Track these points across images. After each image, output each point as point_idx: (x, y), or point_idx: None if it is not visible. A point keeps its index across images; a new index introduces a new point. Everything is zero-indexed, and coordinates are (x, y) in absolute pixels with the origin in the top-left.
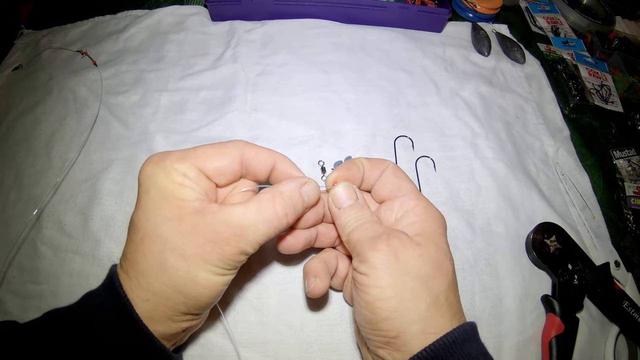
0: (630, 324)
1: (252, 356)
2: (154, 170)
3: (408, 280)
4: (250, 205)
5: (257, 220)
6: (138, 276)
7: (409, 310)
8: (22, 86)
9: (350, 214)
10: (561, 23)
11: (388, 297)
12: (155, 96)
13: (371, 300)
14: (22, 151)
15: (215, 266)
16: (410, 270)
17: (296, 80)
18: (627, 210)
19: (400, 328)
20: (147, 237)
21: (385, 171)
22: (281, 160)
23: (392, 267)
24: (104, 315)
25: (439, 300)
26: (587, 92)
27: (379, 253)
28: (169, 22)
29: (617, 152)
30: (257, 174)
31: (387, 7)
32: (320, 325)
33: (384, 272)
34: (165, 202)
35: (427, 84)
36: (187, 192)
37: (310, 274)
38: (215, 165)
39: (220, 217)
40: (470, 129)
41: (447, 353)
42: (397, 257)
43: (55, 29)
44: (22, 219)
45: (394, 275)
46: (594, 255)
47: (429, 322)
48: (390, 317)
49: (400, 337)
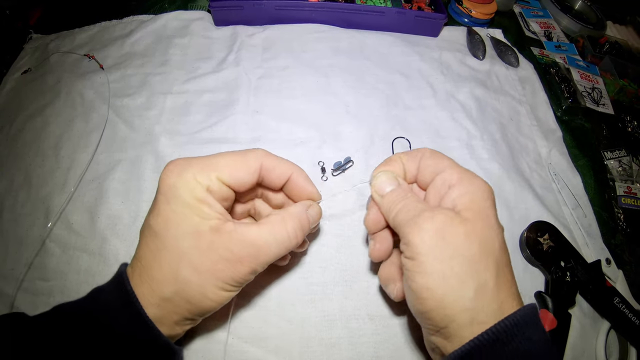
0: (620, 320)
1: (253, 351)
2: (177, 182)
3: (455, 265)
4: (263, 226)
5: (269, 241)
6: (151, 281)
7: (456, 300)
8: (31, 89)
9: (393, 198)
10: (554, 28)
11: (435, 286)
12: (160, 99)
13: (418, 289)
14: (31, 152)
15: (225, 283)
16: (456, 252)
17: (297, 83)
18: (617, 209)
19: (448, 319)
20: (165, 248)
21: (423, 157)
22: (297, 174)
23: (437, 249)
24: (112, 311)
25: (487, 285)
26: (579, 95)
27: (423, 233)
28: (173, 27)
29: (608, 152)
30: (273, 184)
31: (385, 12)
32: (320, 321)
33: (429, 257)
34: (185, 217)
35: (424, 87)
36: (206, 210)
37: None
38: (236, 176)
39: (236, 237)
40: (465, 130)
41: (495, 345)
42: (443, 236)
43: (63, 33)
44: (31, 218)
45: (440, 259)
46: (586, 253)
47: (478, 311)
48: (437, 307)
49: (450, 327)
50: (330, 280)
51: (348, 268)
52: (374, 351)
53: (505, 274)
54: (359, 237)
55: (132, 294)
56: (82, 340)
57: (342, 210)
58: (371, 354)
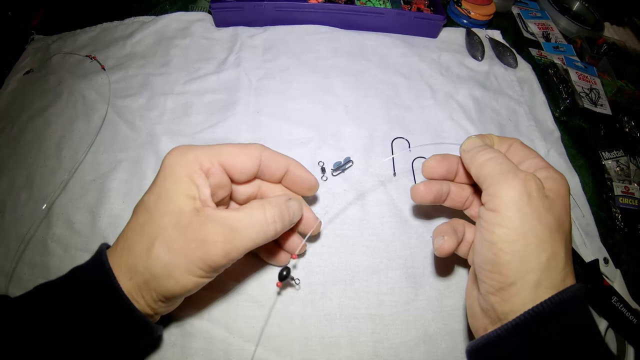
0: (618, 319)
1: (254, 350)
2: (178, 161)
3: (537, 226)
4: (242, 211)
5: (247, 224)
6: (129, 255)
7: (531, 257)
8: (33, 89)
9: (482, 151)
10: (552, 29)
11: (514, 239)
12: (161, 99)
13: (495, 241)
14: (33, 152)
15: (196, 266)
16: (539, 217)
17: (297, 84)
18: (615, 209)
19: (518, 274)
20: (149, 223)
21: (513, 144)
22: (294, 165)
23: (524, 208)
24: (89, 283)
25: (558, 255)
26: (577, 96)
27: (513, 191)
28: (174, 28)
29: (606, 153)
30: (272, 175)
31: (384, 13)
32: (320, 320)
33: (514, 212)
34: (175, 194)
35: (423, 88)
36: (195, 191)
37: (439, 234)
38: (238, 163)
39: (213, 218)
40: (464, 130)
41: (558, 312)
42: (531, 199)
43: (65, 34)
44: (33, 217)
45: (525, 218)
46: (584, 253)
47: (546, 274)
48: (511, 261)
49: (517, 284)
50: (330, 279)
51: (348, 268)
52: (373, 350)
53: (569, 254)
54: (359, 237)
55: (108, 267)
56: (59, 317)
57: (342, 210)
58: (370, 352)
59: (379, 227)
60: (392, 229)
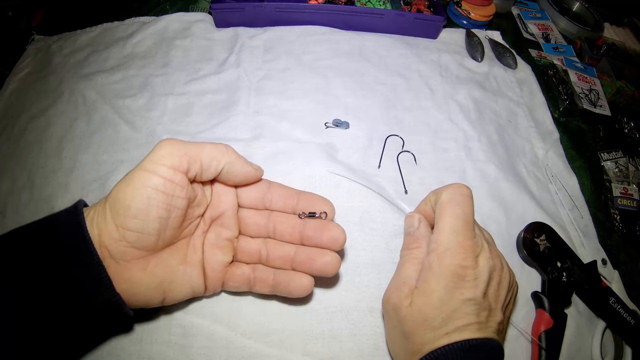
0: (616, 320)
1: (256, 346)
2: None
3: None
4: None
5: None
6: (107, 196)
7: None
8: (34, 90)
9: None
10: (552, 29)
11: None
12: (161, 100)
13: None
14: (34, 152)
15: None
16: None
17: (297, 84)
18: (614, 210)
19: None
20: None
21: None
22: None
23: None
24: (60, 223)
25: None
26: (576, 97)
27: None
28: (175, 29)
29: (605, 154)
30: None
31: (384, 14)
32: (321, 314)
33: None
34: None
35: (422, 89)
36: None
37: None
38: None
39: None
40: (463, 131)
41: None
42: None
43: (66, 34)
44: (34, 218)
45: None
46: (582, 254)
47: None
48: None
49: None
50: None
51: (348, 261)
52: (374, 343)
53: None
54: (359, 231)
55: (79, 211)
56: (29, 258)
57: (341, 204)
58: (371, 345)
59: (379, 221)
60: (393, 224)
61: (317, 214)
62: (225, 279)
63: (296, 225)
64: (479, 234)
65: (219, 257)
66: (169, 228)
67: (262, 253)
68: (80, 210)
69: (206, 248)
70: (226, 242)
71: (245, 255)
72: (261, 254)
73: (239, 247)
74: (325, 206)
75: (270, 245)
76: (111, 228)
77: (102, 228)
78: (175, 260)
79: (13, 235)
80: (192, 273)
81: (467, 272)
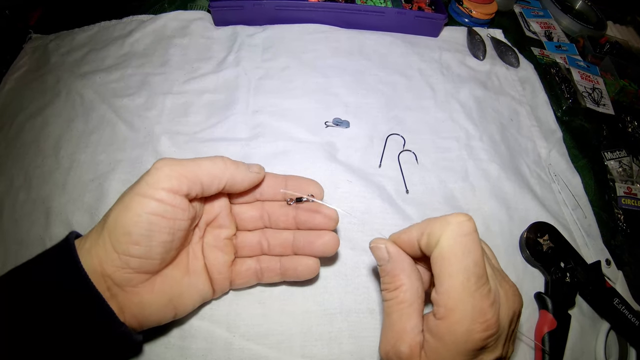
0: (620, 321)
1: (255, 348)
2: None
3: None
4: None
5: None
6: (103, 223)
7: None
8: (31, 89)
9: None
10: (554, 28)
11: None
12: (160, 99)
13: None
14: (31, 152)
15: (141, 195)
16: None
17: (297, 83)
18: (617, 210)
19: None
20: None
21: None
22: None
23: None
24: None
25: None
26: (579, 95)
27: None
28: (173, 27)
29: (608, 153)
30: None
31: (385, 12)
32: (321, 315)
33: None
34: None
35: (423, 88)
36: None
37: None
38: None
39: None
40: (465, 131)
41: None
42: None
43: (63, 33)
44: (30, 218)
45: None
46: (586, 254)
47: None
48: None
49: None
50: (331, 274)
51: (348, 262)
52: (374, 344)
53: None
54: (359, 232)
55: (71, 245)
56: (23, 299)
57: (341, 204)
58: (371, 347)
59: (380, 222)
60: (393, 225)
61: (304, 198)
62: (232, 277)
63: (289, 211)
64: (491, 273)
65: (221, 258)
66: (172, 249)
67: (263, 244)
68: (72, 245)
69: (206, 252)
70: (225, 242)
71: (246, 249)
72: (262, 244)
73: (239, 243)
74: (313, 187)
75: (269, 234)
76: (112, 256)
77: (102, 257)
78: (179, 272)
79: (8, 279)
80: (198, 281)
81: (489, 341)
